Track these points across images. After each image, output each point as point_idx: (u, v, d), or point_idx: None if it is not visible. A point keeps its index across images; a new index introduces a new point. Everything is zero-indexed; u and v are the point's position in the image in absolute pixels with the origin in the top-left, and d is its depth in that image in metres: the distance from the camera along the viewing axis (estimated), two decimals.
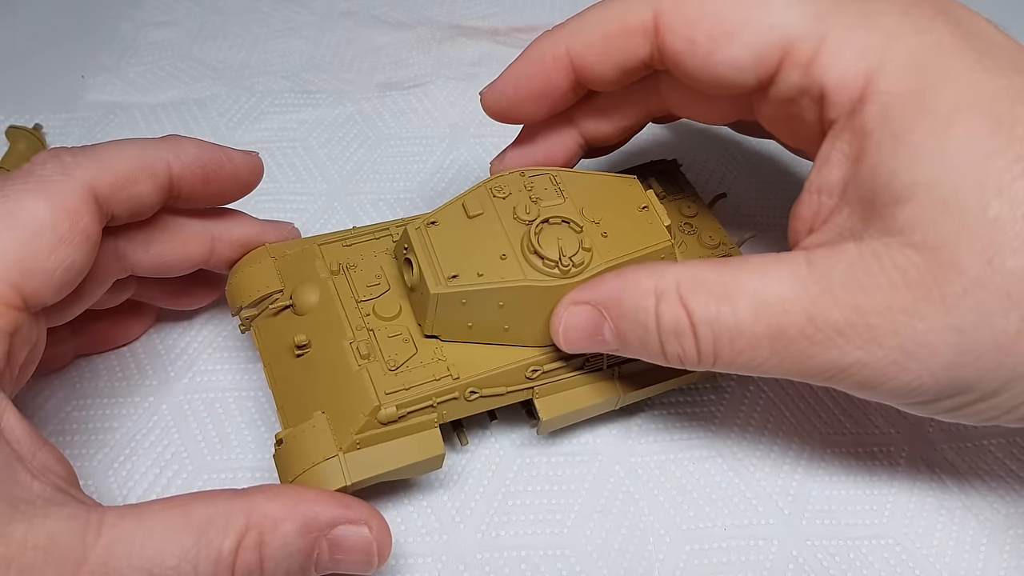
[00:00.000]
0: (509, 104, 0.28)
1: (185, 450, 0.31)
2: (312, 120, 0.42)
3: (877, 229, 0.21)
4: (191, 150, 0.28)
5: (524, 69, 0.27)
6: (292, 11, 0.48)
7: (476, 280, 0.26)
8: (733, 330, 0.23)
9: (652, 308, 0.24)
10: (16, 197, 0.23)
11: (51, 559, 0.20)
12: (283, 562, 0.23)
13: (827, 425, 0.32)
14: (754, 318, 0.22)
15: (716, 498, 0.30)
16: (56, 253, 0.23)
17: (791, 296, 0.22)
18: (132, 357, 0.33)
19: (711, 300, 0.23)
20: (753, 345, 0.23)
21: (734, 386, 0.33)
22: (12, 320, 0.23)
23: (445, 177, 0.40)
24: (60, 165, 0.24)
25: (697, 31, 0.23)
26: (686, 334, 0.23)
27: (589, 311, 0.25)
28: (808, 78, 0.22)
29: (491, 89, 0.28)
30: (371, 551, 0.24)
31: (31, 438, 0.22)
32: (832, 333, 0.22)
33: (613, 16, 0.25)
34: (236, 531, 0.22)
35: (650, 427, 0.32)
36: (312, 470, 0.25)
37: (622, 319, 0.25)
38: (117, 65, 0.45)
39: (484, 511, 0.29)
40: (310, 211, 0.38)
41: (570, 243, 0.27)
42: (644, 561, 0.28)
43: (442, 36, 0.47)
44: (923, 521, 0.29)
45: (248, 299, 0.29)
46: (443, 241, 0.27)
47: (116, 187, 0.25)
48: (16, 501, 0.20)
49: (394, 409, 0.26)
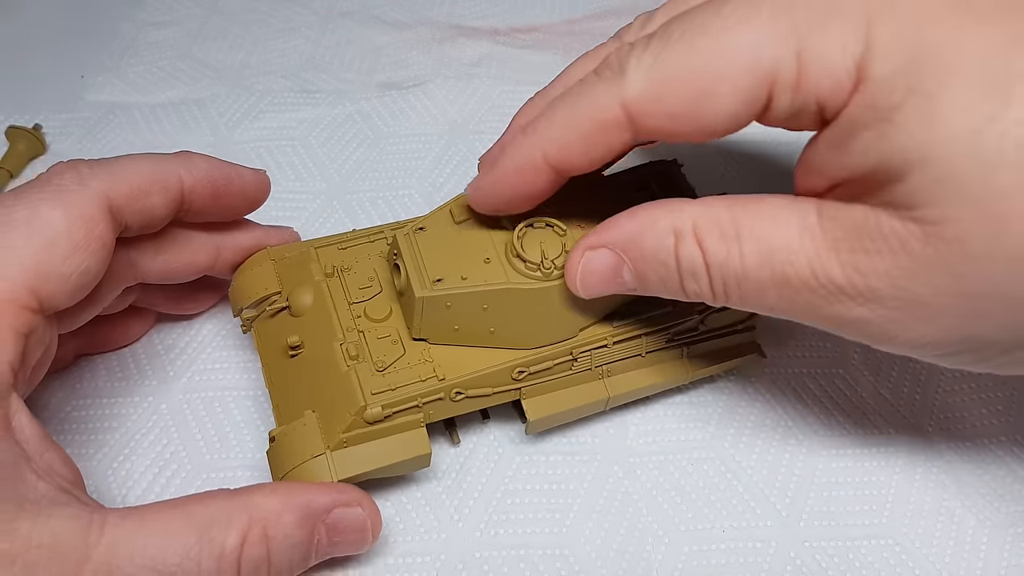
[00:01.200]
0: (494, 208, 0.27)
1: (184, 449, 0.31)
2: (312, 119, 0.42)
3: (880, 200, 0.21)
4: (202, 165, 0.29)
5: (504, 179, 0.26)
6: (292, 11, 0.48)
7: (460, 283, 0.26)
8: (740, 274, 0.23)
9: (672, 247, 0.24)
10: (34, 204, 0.24)
11: (55, 557, 0.20)
12: (287, 553, 0.24)
13: (825, 425, 0.32)
14: (760, 263, 0.22)
15: (714, 499, 0.30)
16: (71, 259, 0.24)
17: (797, 246, 0.22)
18: (132, 357, 0.33)
19: (722, 240, 0.23)
20: (760, 289, 0.23)
21: (732, 386, 0.33)
22: (28, 322, 0.24)
23: (443, 175, 0.40)
24: (77, 175, 0.26)
25: (673, 105, 0.22)
26: (701, 273, 0.23)
27: (607, 254, 0.25)
28: (800, 95, 0.21)
29: (476, 196, 0.27)
30: (366, 527, 0.26)
31: (40, 439, 0.23)
32: (834, 289, 0.21)
33: (583, 116, 0.24)
34: (239, 527, 0.23)
35: (648, 427, 0.32)
36: (301, 467, 0.26)
37: (642, 260, 0.24)
38: (117, 65, 0.45)
39: (483, 510, 0.29)
40: (309, 210, 0.38)
41: (553, 246, 0.27)
42: (643, 562, 0.28)
43: (442, 36, 0.47)
44: (922, 521, 0.29)
45: (248, 301, 0.30)
46: (430, 246, 0.27)
47: (130, 198, 0.26)
48: (21, 500, 0.21)
49: (379, 409, 0.26)
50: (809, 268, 0.22)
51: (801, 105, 0.22)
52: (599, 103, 0.23)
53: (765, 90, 0.22)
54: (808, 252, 0.22)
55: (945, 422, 0.32)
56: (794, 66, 0.21)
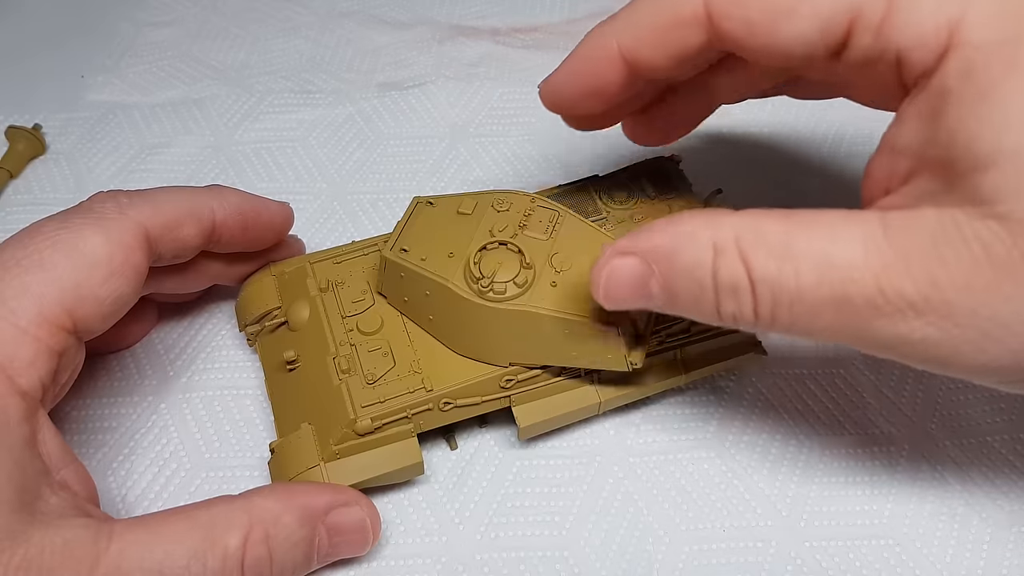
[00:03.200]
0: (565, 101, 0.27)
1: (184, 449, 0.31)
2: (312, 120, 0.42)
3: (959, 196, 0.19)
4: (232, 199, 0.30)
5: (576, 66, 0.26)
6: (292, 11, 0.48)
7: (417, 263, 0.28)
8: (793, 293, 0.21)
9: (710, 263, 0.21)
10: (77, 229, 0.25)
11: (68, 563, 0.21)
12: (289, 553, 0.24)
13: (826, 425, 0.32)
14: (818, 282, 0.20)
15: (715, 499, 0.30)
16: (109, 283, 0.25)
17: (861, 261, 0.20)
18: (131, 357, 0.33)
19: (772, 258, 0.21)
20: (814, 311, 0.21)
21: (733, 386, 0.33)
22: (62, 341, 0.24)
23: (444, 177, 0.40)
24: (117, 205, 0.27)
25: (753, 11, 0.22)
26: (744, 293, 0.21)
27: (636, 263, 0.23)
28: (882, 40, 0.20)
29: (546, 85, 0.27)
30: (366, 527, 0.26)
31: (61, 454, 0.24)
32: (903, 306, 0.20)
33: (664, 7, 0.24)
34: (241, 528, 0.23)
35: (649, 428, 0.31)
36: (296, 478, 0.27)
37: (674, 274, 0.22)
38: (117, 65, 0.45)
39: (483, 512, 0.29)
40: (310, 211, 0.38)
41: (507, 271, 0.27)
42: (643, 562, 0.28)
43: (442, 36, 0.47)
44: (924, 520, 0.29)
45: (251, 316, 0.31)
46: (426, 222, 0.29)
47: (165, 229, 0.27)
48: (35, 511, 0.22)
49: (369, 421, 0.27)
50: (876, 285, 0.20)
51: (880, 52, 0.21)
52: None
53: (845, 22, 0.21)
54: (875, 267, 0.20)
55: (948, 420, 0.32)
56: (881, 6, 0.20)
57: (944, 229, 0.19)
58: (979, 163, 0.19)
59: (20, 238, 0.25)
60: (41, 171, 0.40)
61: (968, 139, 0.19)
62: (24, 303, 0.24)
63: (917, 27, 0.20)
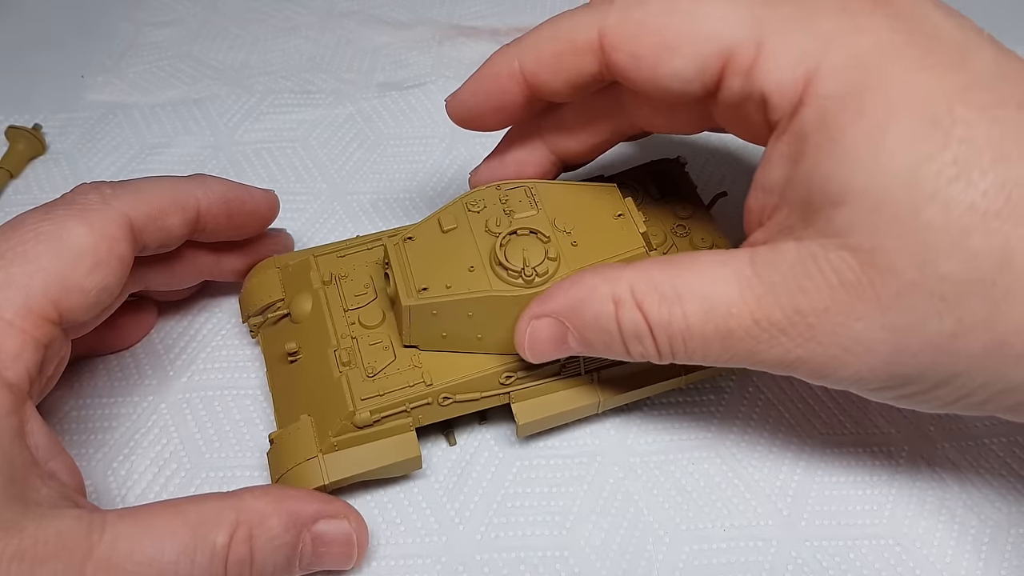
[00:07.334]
0: (470, 115, 0.29)
1: (184, 449, 0.31)
2: (312, 120, 0.42)
3: (815, 230, 0.22)
4: (217, 187, 0.30)
5: (481, 84, 0.28)
6: (292, 11, 0.48)
7: (444, 292, 0.27)
8: (685, 332, 0.23)
9: (613, 314, 0.24)
10: (61, 220, 0.25)
11: (61, 553, 0.21)
12: (271, 555, 0.24)
13: (826, 425, 0.32)
14: (704, 320, 0.23)
15: (715, 498, 0.30)
16: (94, 274, 0.25)
17: (737, 298, 0.23)
18: (131, 356, 0.33)
19: (664, 303, 0.24)
20: (704, 344, 0.23)
21: (733, 386, 0.33)
22: (47, 333, 0.25)
23: (444, 177, 0.40)
24: (101, 195, 0.27)
25: (640, 47, 0.24)
26: (646, 337, 0.24)
27: (551, 323, 0.26)
28: (749, 84, 0.23)
29: (452, 99, 0.29)
30: (351, 542, 0.26)
31: (48, 446, 0.24)
32: (776, 332, 0.22)
33: (562, 35, 0.26)
34: (228, 526, 0.23)
35: (649, 427, 0.31)
36: (295, 469, 0.27)
37: (585, 328, 0.25)
38: (117, 65, 0.45)
39: (483, 512, 0.29)
40: (310, 211, 0.38)
41: (535, 253, 0.27)
42: (643, 562, 0.28)
43: (442, 36, 0.47)
44: (923, 521, 0.29)
45: (254, 308, 0.31)
46: (418, 255, 0.28)
47: (150, 219, 0.27)
48: (28, 501, 0.22)
49: (368, 414, 0.27)
50: (751, 317, 0.22)
51: (748, 94, 0.23)
52: (580, 24, 0.25)
53: (719, 65, 0.23)
54: (748, 303, 0.22)
55: (947, 421, 0.32)
56: (750, 54, 0.22)
57: (803, 261, 0.22)
58: (832, 201, 0.21)
59: (3, 231, 0.25)
60: (41, 171, 0.40)
61: (822, 180, 0.21)
62: (9, 295, 0.24)
63: (779, 74, 0.22)
